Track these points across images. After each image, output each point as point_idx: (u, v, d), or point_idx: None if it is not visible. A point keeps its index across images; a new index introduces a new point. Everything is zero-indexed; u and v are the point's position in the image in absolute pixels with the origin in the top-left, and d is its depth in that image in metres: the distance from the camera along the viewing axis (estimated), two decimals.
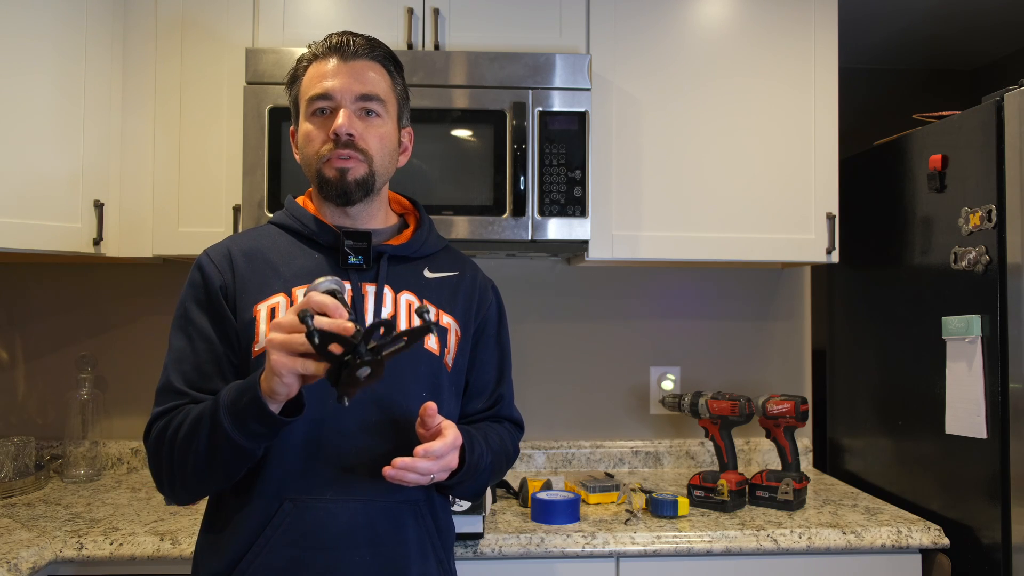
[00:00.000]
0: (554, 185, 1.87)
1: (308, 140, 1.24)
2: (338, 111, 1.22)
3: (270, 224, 1.33)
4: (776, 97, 2.03)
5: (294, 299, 1.20)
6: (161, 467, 1.16)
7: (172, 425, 1.14)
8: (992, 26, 2.37)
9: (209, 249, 1.28)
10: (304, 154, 1.26)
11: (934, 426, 1.79)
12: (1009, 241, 1.59)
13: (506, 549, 1.62)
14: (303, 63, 1.27)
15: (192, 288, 1.24)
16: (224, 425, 1.06)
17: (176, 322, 1.23)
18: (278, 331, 1.01)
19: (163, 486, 1.18)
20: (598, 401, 2.33)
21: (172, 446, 1.13)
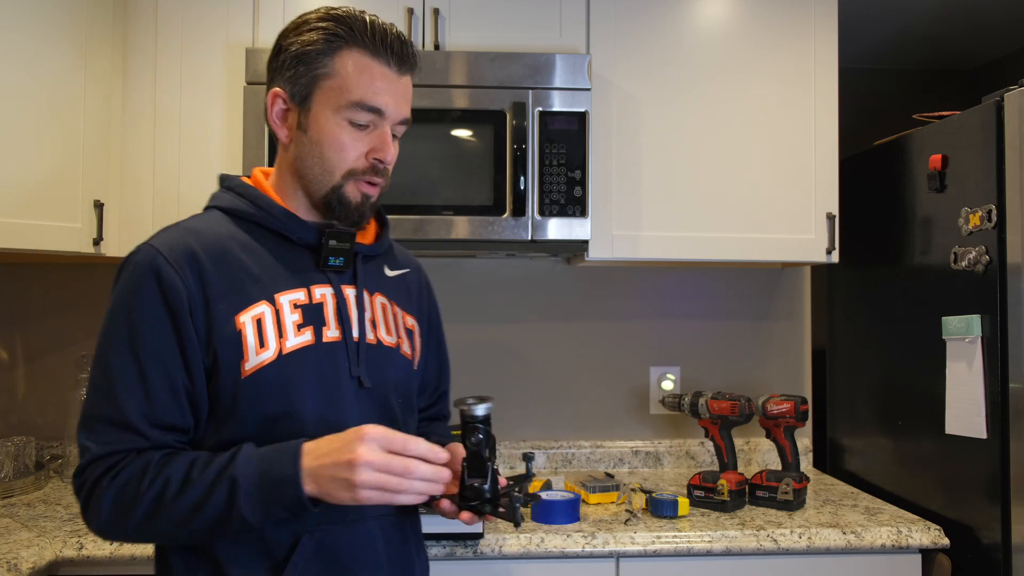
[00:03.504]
0: (554, 185, 1.87)
1: (340, 149, 1.08)
2: (380, 131, 1.10)
3: (220, 212, 1.13)
4: (776, 97, 2.03)
5: (279, 307, 1.06)
6: (124, 518, 0.97)
7: (148, 479, 0.97)
8: (992, 26, 2.37)
9: (160, 245, 1.04)
10: (325, 161, 1.09)
11: (934, 426, 1.79)
12: (1009, 241, 1.59)
13: (506, 549, 1.62)
14: (343, 44, 1.08)
15: (142, 299, 1.01)
16: (243, 510, 0.95)
17: (114, 338, 1.01)
18: (392, 465, 0.96)
19: (112, 531, 1.00)
20: (598, 401, 2.33)
21: (156, 506, 0.96)
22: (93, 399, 1.01)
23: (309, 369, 1.07)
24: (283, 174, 1.14)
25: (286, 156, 1.13)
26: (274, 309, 1.06)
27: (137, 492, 0.97)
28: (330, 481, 0.96)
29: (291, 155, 1.12)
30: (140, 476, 0.98)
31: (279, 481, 0.96)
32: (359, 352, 1.12)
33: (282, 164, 1.14)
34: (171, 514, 0.97)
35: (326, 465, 0.96)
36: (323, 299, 1.10)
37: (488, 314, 2.31)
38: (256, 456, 0.98)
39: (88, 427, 1.01)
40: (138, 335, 1.01)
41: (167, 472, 0.98)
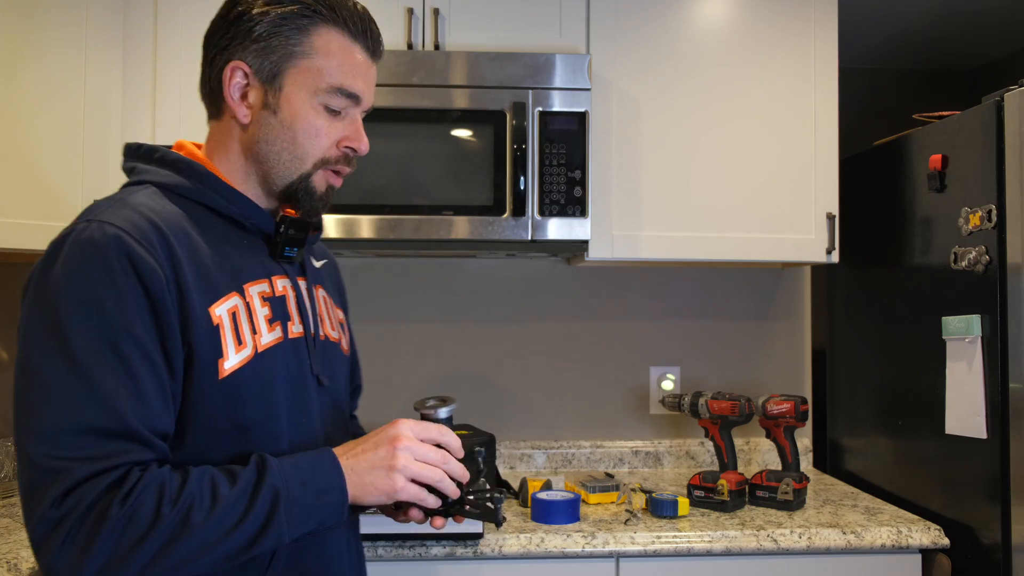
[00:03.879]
0: (554, 185, 1.87)
1: (315, 135, 1.00)
2: (353, 118, 1.04)
3: (156, 188, 0.97)
4: (776, 97, 2.03)
5: (248, 299, 0.97)
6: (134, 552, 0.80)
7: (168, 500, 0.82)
8: (992, 26, 2.37)
9: (120, 223, 0.88)
10: (297, 147, 1.00)
11: (934, 426, 1.79)
12: (1009, 241, 1.59)
13: (506, 549, 1.62)
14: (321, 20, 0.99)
15: (116, 286, 0.85)
16: (282, 524, 0.86)
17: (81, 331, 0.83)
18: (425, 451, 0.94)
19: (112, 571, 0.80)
20: (598, 401, 2.32)
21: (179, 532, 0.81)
22: (58, 407, 0.81)
23: (281, 368, 0.99)
24: (234, 155, 1.01)
25: (242, 136, 1.01)
26: (244, 301, 0.96)
27: (157, 518, 0.81)
28: (369, 472, 0.91)
29: (250, 136, 1.00)
30: (158, 497, 0.81)
31: (324, 489, 0.89)
32: (317, 349, 1.06)
33: (233, 144, 1.01)
34: (195, 540, 0.82)
35: (363, 460, 0.92)
36: (284, 291, 1.03)
37: (488, 314, 2.31)
38: (290, 465, 0.89)
39: (55, 443, 0.80)
40: (117, 327, 0.85)
41: (190, 491, 0.83)
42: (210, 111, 1.04)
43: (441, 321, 2.29)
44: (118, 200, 0.94)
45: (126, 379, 0.84)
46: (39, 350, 0.84)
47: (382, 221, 1.84)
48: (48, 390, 0.82)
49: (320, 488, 0.89)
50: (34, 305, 0.86)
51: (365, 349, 2.27)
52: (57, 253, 0.88)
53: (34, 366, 0.84)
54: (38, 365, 0.84)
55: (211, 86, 1.01)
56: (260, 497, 0.85)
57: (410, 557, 1.60)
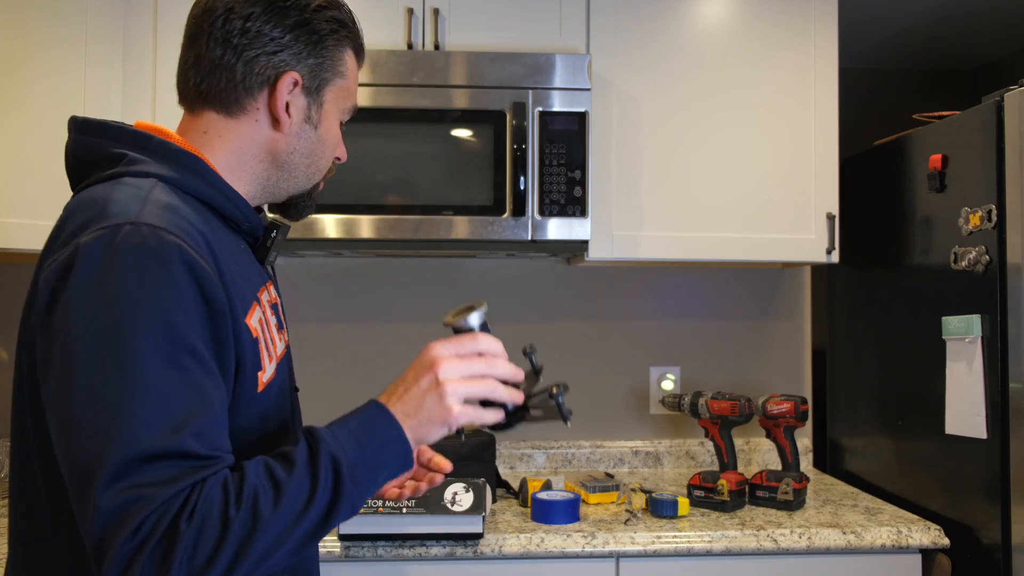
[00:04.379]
0: (554, 185, 1.87)
1: (334, 149, 1.03)
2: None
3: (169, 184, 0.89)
4: (776, 97, 2.03)
5: (263, 308, 0.94)
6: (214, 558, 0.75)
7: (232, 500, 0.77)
8: (992, 26, 2.37)
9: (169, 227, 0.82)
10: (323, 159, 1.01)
11: (934, 426, 1.79)
12: (1009, 241, 1.59)
13: (506, 549, 1.62)
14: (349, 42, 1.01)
15: (181, 295, 0.80)
16: (350, 490, 0.82)
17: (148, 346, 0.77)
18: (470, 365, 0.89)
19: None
20: (598, 401, 2.32)
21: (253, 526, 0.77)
22: (127, 433, 0.75)
23: (286, 377, 1.00)
24: (247, 157, 0.97)
25: (271, 142, 0.97)
26: (262, 311, 0.93)
27: (226, 523, 0.76)
28: (419, 411, 0.87)
29: (284, 145, 0.97)
30: (223, 504, 0.77)
31: (384, 442, 0.85)
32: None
33: (250, 147, 0.97)
34: (270, 532, 0.78)
35: (410, 399, 0.88)
36: (275, 298, 1.01)
37: (488, 314, 2.30)
38: (340, 428, 0.85)
39: (128, 474, 0.74)
40: (185, 341, 0.79)
41: (250, 486, 0.78)
42: (213, 103, 0.96)
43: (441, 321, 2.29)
44: (143, 199, 0.84)
45: (196, 398, 0.79)
46: (104, 371, 0.76)
47: (382, 221, 1.85)
48: (118, 416, 0.75)
49: (379, 442, 0.85)
50: (91, 322, 0.77)
51: (365, 349, 2.28)
52: (101, 261, 0.78)
53: (99, 389, 0.76)
54: (104, 388, 0.76)
55: (240, 83, 0.94)
56: (322, 469, 0.80)
57: (410, 557, 1.60)
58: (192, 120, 0.99)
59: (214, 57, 0.95)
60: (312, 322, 2.25)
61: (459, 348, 0.92)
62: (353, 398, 1.15)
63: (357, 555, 1.59)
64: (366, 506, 1.54)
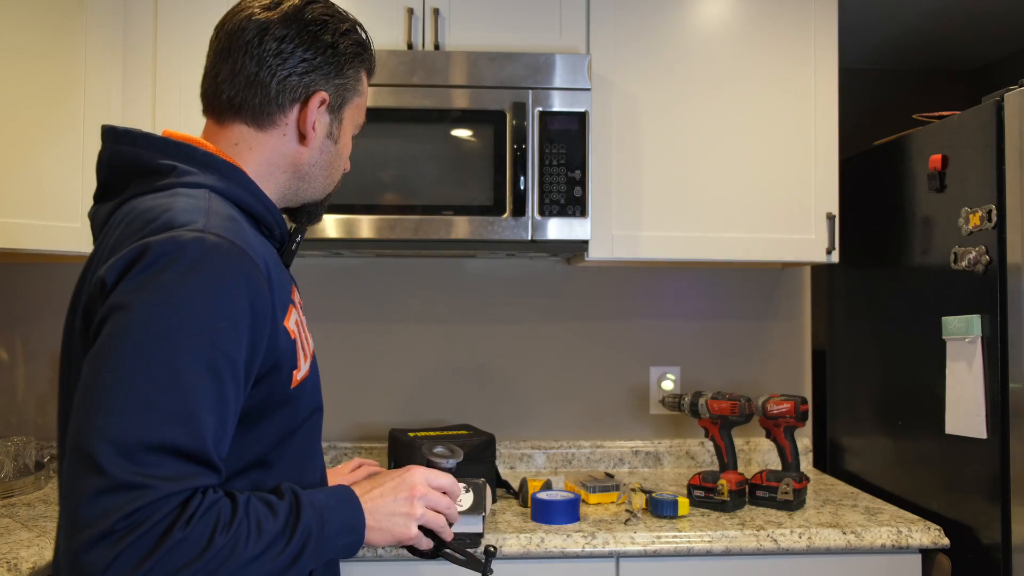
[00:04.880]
0: (554, 185, 1.87)
1: (346, 161, 1.12)
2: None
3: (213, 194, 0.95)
4: (776, 97, 2.03)
5: (298, 311, 1.00)
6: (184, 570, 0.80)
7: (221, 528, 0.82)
8: (992, 26, 2.37)
9: (235, 238, 0.88)
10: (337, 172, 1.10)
11: (934, 426, 1.79)
12: (1009, 241, 1.59)
13: (506, 549, 1.62)
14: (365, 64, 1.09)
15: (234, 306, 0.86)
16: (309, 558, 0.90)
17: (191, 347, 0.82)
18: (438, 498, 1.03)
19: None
20: (598, 401, 2.33)
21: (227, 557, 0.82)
22: (148, 419, 0.79)
23: (317, 371, 1.08)
24: (274, 167, 1.03)
25: (295, 155, 1.04)
26: (298, 314, 1.00)
27: (210, 544, 0.81)
28: (388, 518, 0.98)
29: (307, 158, 1.04)
30: (214, 525, 0.81)
31: (347, 530, 0.94)
32: None
33: (276, 158, 1.03)
34: (236, 566, 0.83)
35: (385, 503, 0.99)
36: (301, 301, 1.08)
37: (488, 314, 2.31)
38: (320, 503, 0.93)
39: (137, 457, 0.78)
40: (225, 351, 0.84)
41: (239, 522, 0.84)
42: (243, 116, 1.01)
43: (441, 321, 2.29)
44: (199, 207, 0.90)
45: (217, 404, 0.84)
46: (142, 357, 0.80)
47: (382, 221, 1.85)
48: (142, 400, 0.79)
49: (342, 529, 0.93)
50: (146, 309, 0.81)
51: (365, 349, 2.28)
52: (169, 258, 0.83)
53: (128, 370, 0.80)
54: (133, 369, 0.80)
55: (273, 100, 1.00)
56: (296, 536, 0.88)
57: (410, 557, 1.60)
58: (220, 130, 1.03)
59: (249, 74, 1.00)
60: (312, 322, 2.24)
61: (435, 481, 1.04)
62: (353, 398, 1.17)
63: (357, 555, 1.59)
64: None
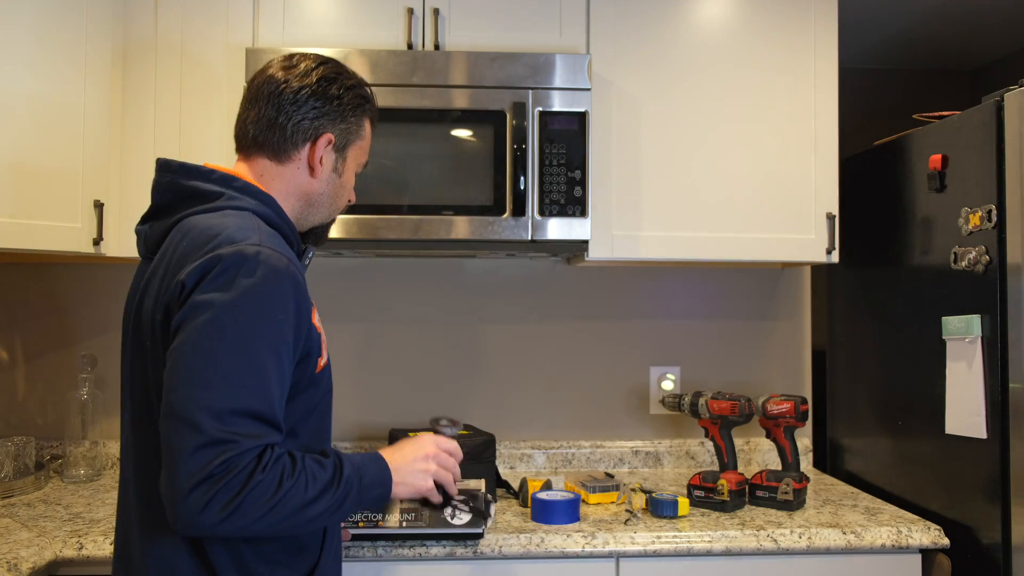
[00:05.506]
0: (554, 185, 1.87)
1: (350, 192, 1.35)
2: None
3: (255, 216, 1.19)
4: (776, 97, 2.03)
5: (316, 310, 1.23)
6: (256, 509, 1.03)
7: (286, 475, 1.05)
8: (992, 26, 2.37)
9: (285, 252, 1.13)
10: (340, 202, 1.33)
11: (934, 426, 1.79)
12: (1009, 241, 1.59)
13: (506, 549, 1.62)
14: (368, 114, 1.32)
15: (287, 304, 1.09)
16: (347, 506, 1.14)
17: (262, 335, 1.06)
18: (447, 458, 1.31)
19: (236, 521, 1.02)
20: (598, 401, 2.33)
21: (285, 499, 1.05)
22: (233, 392, 1.03)
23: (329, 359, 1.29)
24: (289, 195, 1.26)
25: (306, 185, 1.27)
26: (318, 312, 1.23)
27: (279, 487, 1.04)
28: (411, 475, 1.24)
29: (315, 188, 1.27)
30: (282, 473, 1.05)
31: (378, 483, 1.18)
32: None
33: (291, 188, 1.26)
34: (296, 506, 1.06)
35: (406, 463, 1.24)
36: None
37: (488, 314, 2.31)
38: (358, 462, 1.16)
39: (226, 420, 1.02)
40: (283, 337, 1.09)
41: (299, 469, 1.07)
42: (266, 152, 1.25)
43: (441, 321, 2.29)
44: (253, 226, 1.13)
45: (279, 378, 1.08)
46: (224, 344, 1.03)
47: (382, 221, 1.85)
48: (227, 377, 1.03)
49: (374, 483, 1.17)
50: (225, 307, 1.04)
51: (365, 349, 2.28)
52: (241, 266, 1.07)
53: (216, 353, 1.03)
54: (220, 353, 1.03)
55: (289, 139, 1.24)
56: (342, 485, 1.11)
57: (410, 557, 1.60)
58: (247, 164, 1.27)
59: (271, 117, 1.24)
60: None
61: (445, 445, 1.32)
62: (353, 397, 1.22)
63: (357, 555, 1.59)
64: (366, 519, 1.56)
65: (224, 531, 1.03)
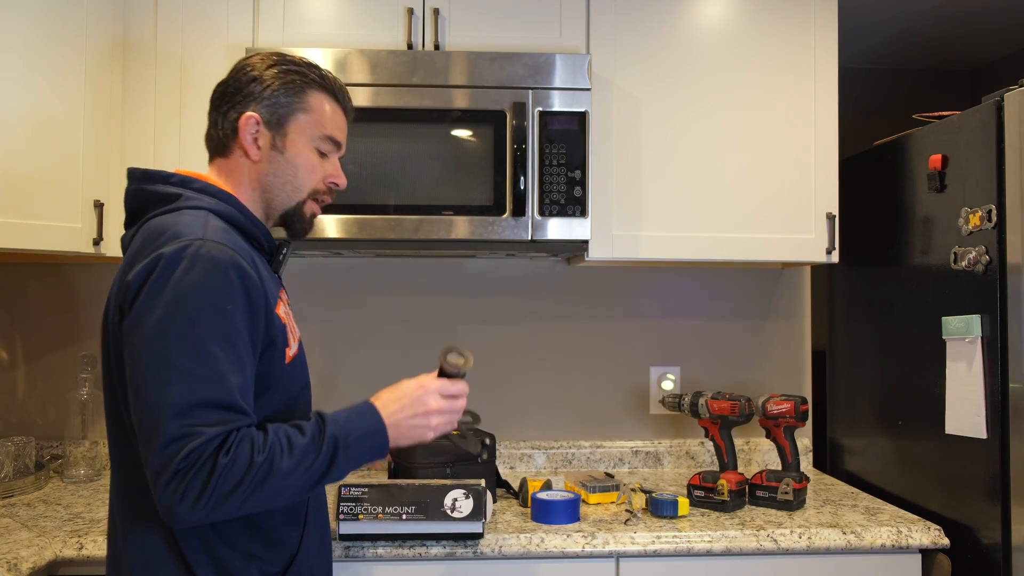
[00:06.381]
0: (554, 185, 1.87)
1: (311, 171, 1.28)
2: (334, 161, 1.32)
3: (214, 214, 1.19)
4: (777, 96, 2.03)
5: (285, 304, 1.25)
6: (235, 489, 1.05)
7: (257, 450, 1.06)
8: (992, 26, 2.37)
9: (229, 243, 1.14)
10: (298, 179, 1.27)
11: (934, 426, 1.79)
12: (1009, 241, 1.59)
13: (506, 549, 1.62)
14: (315, 87, 1.27)
15: (234, 292, 1.10)
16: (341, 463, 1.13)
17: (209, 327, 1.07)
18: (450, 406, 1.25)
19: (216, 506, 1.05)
20: (598, 401, 2.33)
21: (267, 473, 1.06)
22: (190, 386, 1.04)
23: (304, 355, 1.31)
24: (243, 187, 1.26)
25: (253, 171, 1.26)
26: (284, 304, 1.25)
27: (251, 464, 1.05)
28: (409, 430, 1.21)
29: (260, 171, 1.26)
30: (251, 450, 1.06)
31: (369, 433, 1.16)
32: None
33: (242, 178, 1.26)
34: (278, 480, 1.07)
35: (405, 418, 1.21)
36: (287, 299, 1.31)
37: (488, 314, 2.31)
38: (343, 418, 1.16)
39: (188, 414, 1.04)
40: (234, 326, 1.09)
41: (271, 443, 1.08)
42: (216, 151, 1.27)
43: (441, 321, 2.29)
44: (203, 223, 1.14)
45: (237, 366, 1.09)
46: (174, 341, 1.06)
47: (382, 221, 1.85)
48: (182, 372, 1.05)
49: (365, 434, 1.16)
50: (169, 304, 1.06)
51: (365, 349, 2.28)
52: (180, 263, 1.08)
53: (167, 351, 1.05)
54: (171, 350, 1.05)
55: (223, 132, 1.26)
56: (325, 445, 1.11)
57: (410, 557, 1.60)
58: (212, 167, 1.30)
59: (212, 117, 1.28)
60: (312, 322, 2.25)
61: (448, 390, 1.26)
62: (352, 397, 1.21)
63: (357, 555, 1.59)
64: (366, 513, 1.56)
65: (213, 516, 1.05)
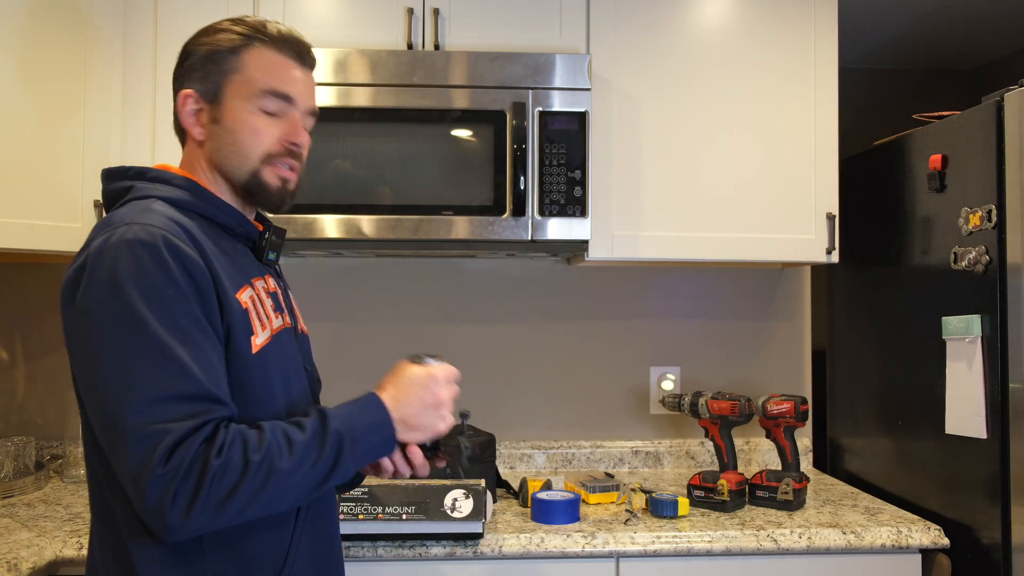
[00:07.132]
0: (554, 185, 1.87)
1: (254, 134, 1.13)
2: (291, 117, 1.16)
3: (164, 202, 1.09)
4: (776, 97, 2.03)
5: (256, 292, 1.12)
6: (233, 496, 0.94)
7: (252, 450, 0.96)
8: (992, 26, 2.37)
9: (158, 224, 1.02)
10: (241, 147, 1.14)
11: (934, 426, 1.79)
12: (1009, 241, 1.59)
13: (506, 549, 1.62)
14: (248, 42, 1.14)
15: (171, 274, 0.98)
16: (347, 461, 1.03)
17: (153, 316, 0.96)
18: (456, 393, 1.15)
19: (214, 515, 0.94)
20: (598, 401, 2.33)
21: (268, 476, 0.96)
22: (145, 385, 0.94)
23: (289, 349, 1.17)
24: (201, 169, 1.16)
25: (202, 152, 1.16)
26: (255, 292, 1.12)
27: (247, 466, 0.95)
28: (418, 416, 1.10)
29: (207, 150, 1.15)
30: (244, 449, 0.96)
31: (375, 427, 1.06)
32: (299, 338, 1.24)
33: (197, 161, 1.17)
34: (280, 481, 0.97)
35: (414, 411, 1.10)
36: (275, 288, 1.19)
37: (488, 314, 2.31)
38: (346, 412, 1.06)
39: (150, 412, 0.93)
40: (179, 311, 0.98)
41: (268, 441, 0.98)
42: (181, 140, 1.20)
43: (441, 321, 2.29)
44: (141, 208, 1.05)
45: (196, 352, 0.97)
46: (118, 337, 0.96)
47: (382, 221, 1.85)
48: (133, 370, 0.94)
49: (371, 428, 1.06)
50: (102, 302, 0.97)
51: (365, 349, 2.28)
52: (105, 255, 0.99)
53: (116, 352, 0.95)
54: (120, 350, 0.95)
55: (175, 119, 1.19)
56: (328, 442, 1.00)
57: (410, 557, 1.60)
58: (182, 157, 1.21)
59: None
60: (312, 322, 2.24)
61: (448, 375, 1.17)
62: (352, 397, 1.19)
63: (357, 555, 1.59)
64: (366, 512, 1.56)
65: (215, 524, 0.95)
